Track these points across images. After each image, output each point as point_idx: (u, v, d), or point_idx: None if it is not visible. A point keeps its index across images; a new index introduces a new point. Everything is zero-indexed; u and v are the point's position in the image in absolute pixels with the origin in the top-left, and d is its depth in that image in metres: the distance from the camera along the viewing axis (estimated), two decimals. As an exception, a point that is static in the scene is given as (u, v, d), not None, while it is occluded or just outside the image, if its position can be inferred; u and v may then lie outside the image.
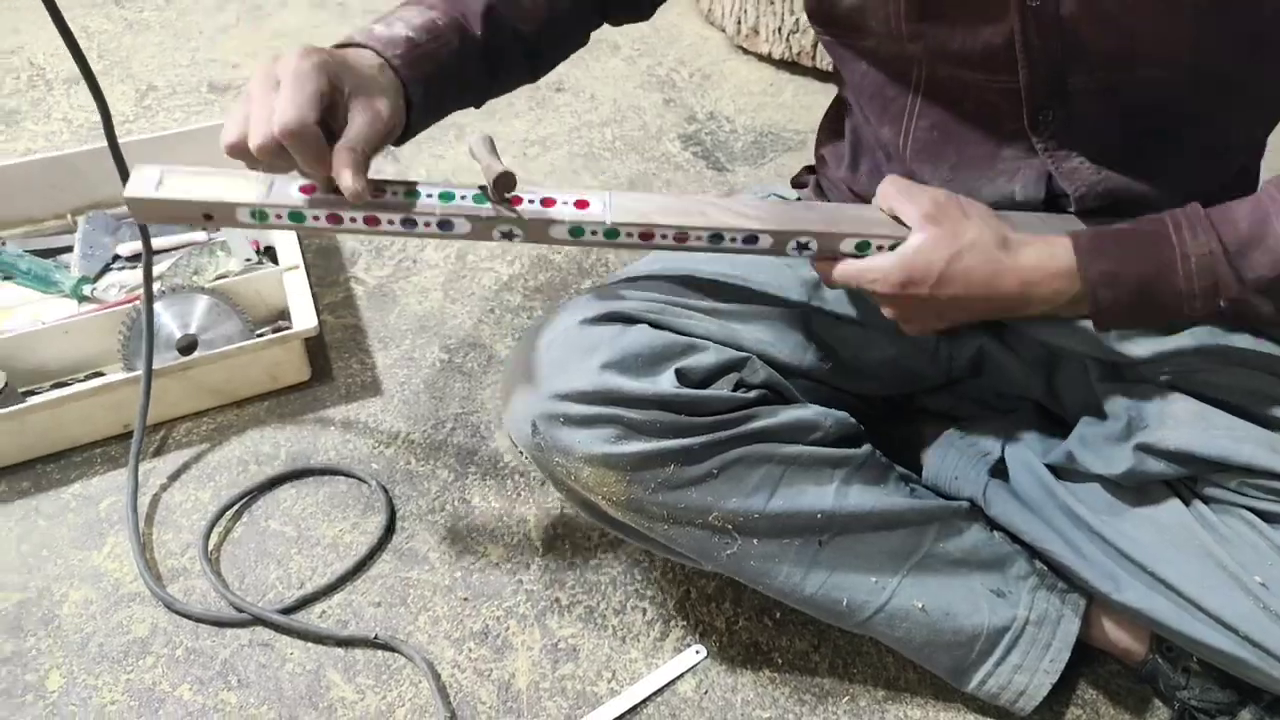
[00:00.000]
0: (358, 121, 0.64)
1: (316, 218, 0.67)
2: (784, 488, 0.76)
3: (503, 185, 0.66)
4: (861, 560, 0.79)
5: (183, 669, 0.85)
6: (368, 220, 0.67)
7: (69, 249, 1.25)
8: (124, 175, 0.85)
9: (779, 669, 0.86)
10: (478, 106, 0.81)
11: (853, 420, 0.81)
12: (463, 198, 0.67)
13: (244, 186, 0.67)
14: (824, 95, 1.63)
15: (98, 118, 1.41)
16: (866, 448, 0.81)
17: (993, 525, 0.83)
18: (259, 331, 1.12)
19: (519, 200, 0.68)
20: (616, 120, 1.55)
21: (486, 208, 0.67)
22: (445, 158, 1.48)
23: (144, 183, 0.66)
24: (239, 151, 0.63)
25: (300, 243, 1.15)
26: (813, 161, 0.96)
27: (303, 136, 0.60)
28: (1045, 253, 0.66)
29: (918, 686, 0.85)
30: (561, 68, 0.86)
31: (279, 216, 0.67)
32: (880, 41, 0.74)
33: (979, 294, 0.67)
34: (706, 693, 0.84)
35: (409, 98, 0.70)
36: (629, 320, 0.77)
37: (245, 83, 1.62)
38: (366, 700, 0.83)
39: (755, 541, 0.77)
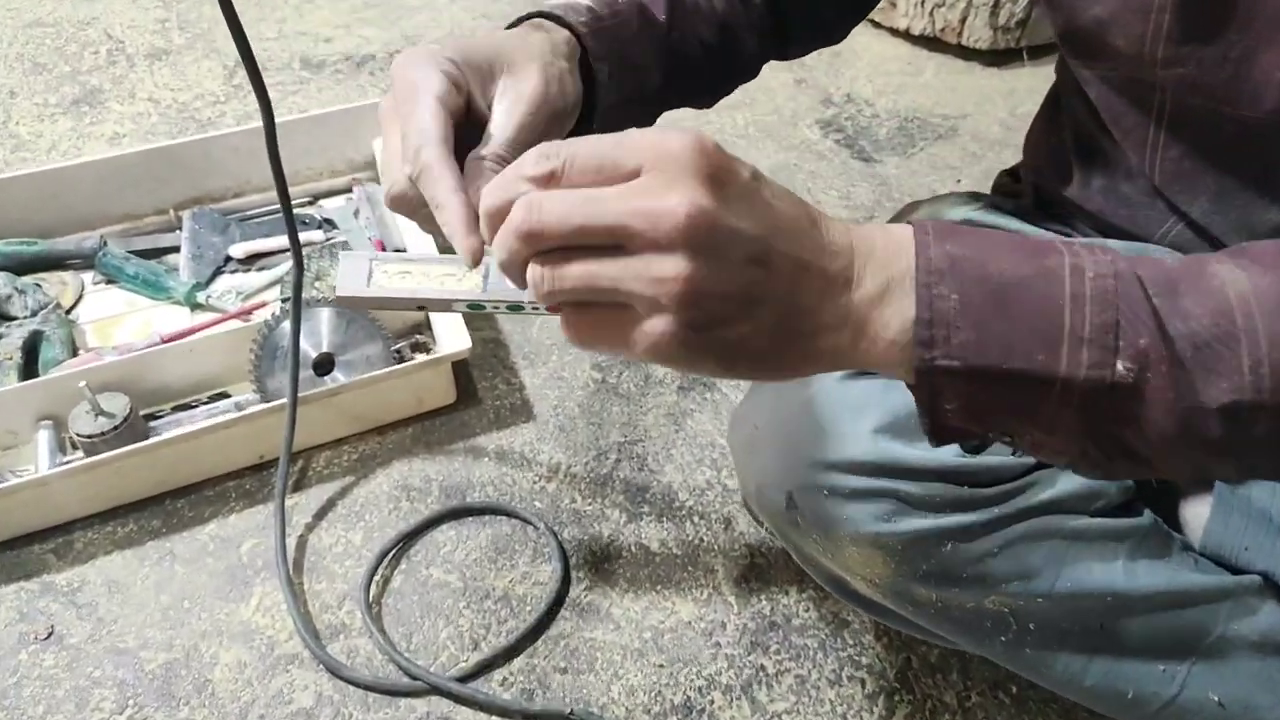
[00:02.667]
0: (497, 115, 0.50)
1: (535, 307, 0.57)
2: (1068, 566, 0.66)
3: None
4: (1148, 645, 0.69)
5: (356, 746, 0.76)
6: None
7: (175, 249, 1.15)
8: (283, 192, 0.75)
9: (1024, 754, 0.77)
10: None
11: (1130, 482, 0.70)
12: None
13: (458, 276, 0.57)
14: (968, 75, 1.51)
15: (186, 97, 1.30)
16: (1148, 515, 0.71)
17: (1284, 601, 0.73)
18: (395, 348, 1.02)
19: None
20: (747, 103, 1.42)
21: None
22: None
23: (354, 278, 0.57)
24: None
25: (438, 250, 1.04)
26: (990, 159, 0.83)
27: (421, 169, 0.47)
28: (869, 225, 0.41)
29: (1187, 778, 0.75)
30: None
31: (496, 308, 0.57)
32: (1120, 63, 0.62)
33: (802, 227, 0.38)
34: (947, 782, 0.75)
35: (594, 76, 0.57)
36: (892, 370, 0.66)
37: (339, 60, 1.51)
38: (566, 786, 0.74)
39: (1032, 626, 0.67)
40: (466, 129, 0.50)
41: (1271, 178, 0.62)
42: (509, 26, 0.58)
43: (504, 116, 0.49)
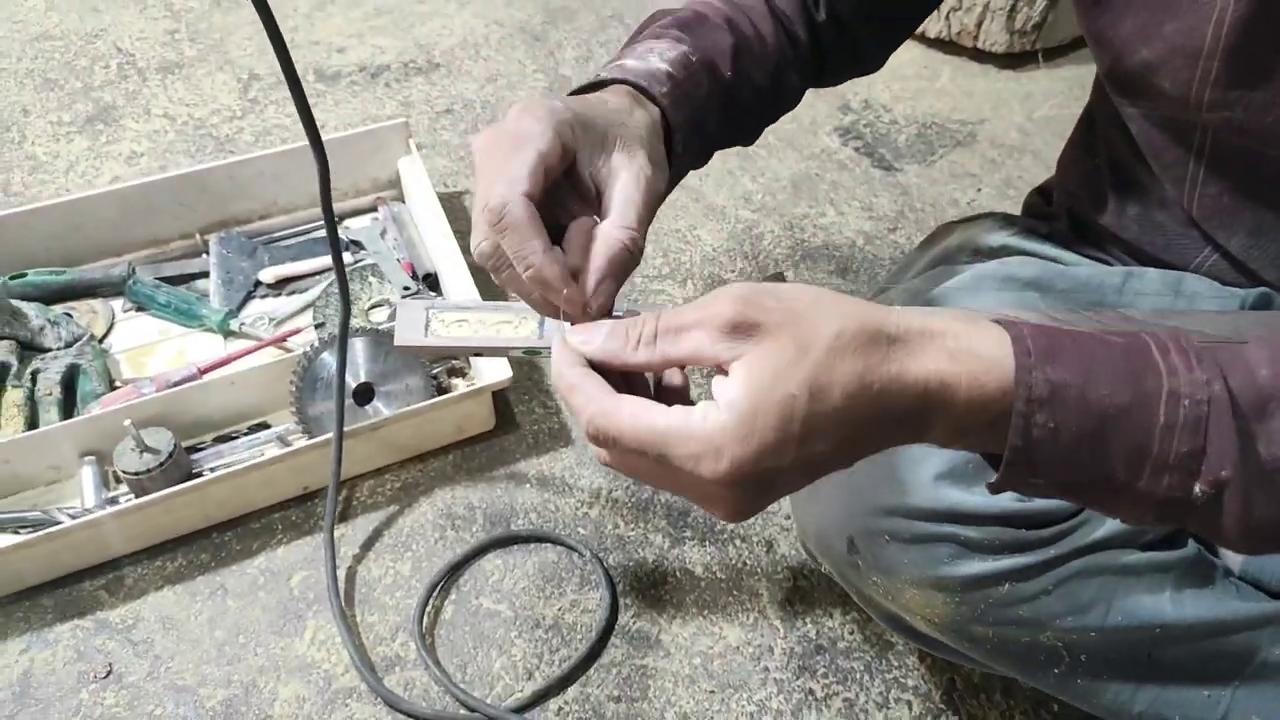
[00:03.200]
0: (622, 189, 0.51)
1: None
2: (1119, 600, 0.68)
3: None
4: (1192, 672, 0.71)
5: (419, 779, 0.78)
6: None
7: (203, 275, 1.15)
8: (333, 236, 0.75)
9: (1069, 773, 0.79)
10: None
11: (1175, 513, 0.72)
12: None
13: (513, 323, 0.58)
14: (984, 79, 1.51)
15: (201, 113, 1.30)
16: (1192, 545, 0.72)
17: (1321, 623, 0.75)
18: (432, 373, 1.03)
19: None
20: (765, 111, 1.42)
21: None
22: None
23: (412, 328, 0.57)
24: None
25: (472, 275, 1.05)
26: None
27: (506, 223, 0.47)
28: (959, 342, 0.39)
29: (1227, 794, 0.78)
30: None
31: (551, 353, 0.58)
32: (1163, 104, 0.63)
33: (863, 432, 0.40)
34: (996, 803, 0.77)
35: (671, 145, 0.59)
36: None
37: (354, 71, 1.50)
38: (627, 815, 0.76)
39: (1084, 659, 0.69)
40: (564, 189, 0.52)
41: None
42: (592, 85, 0.59)
43: (627, 193, 0.50)
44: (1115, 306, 0.72)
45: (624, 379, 0.45)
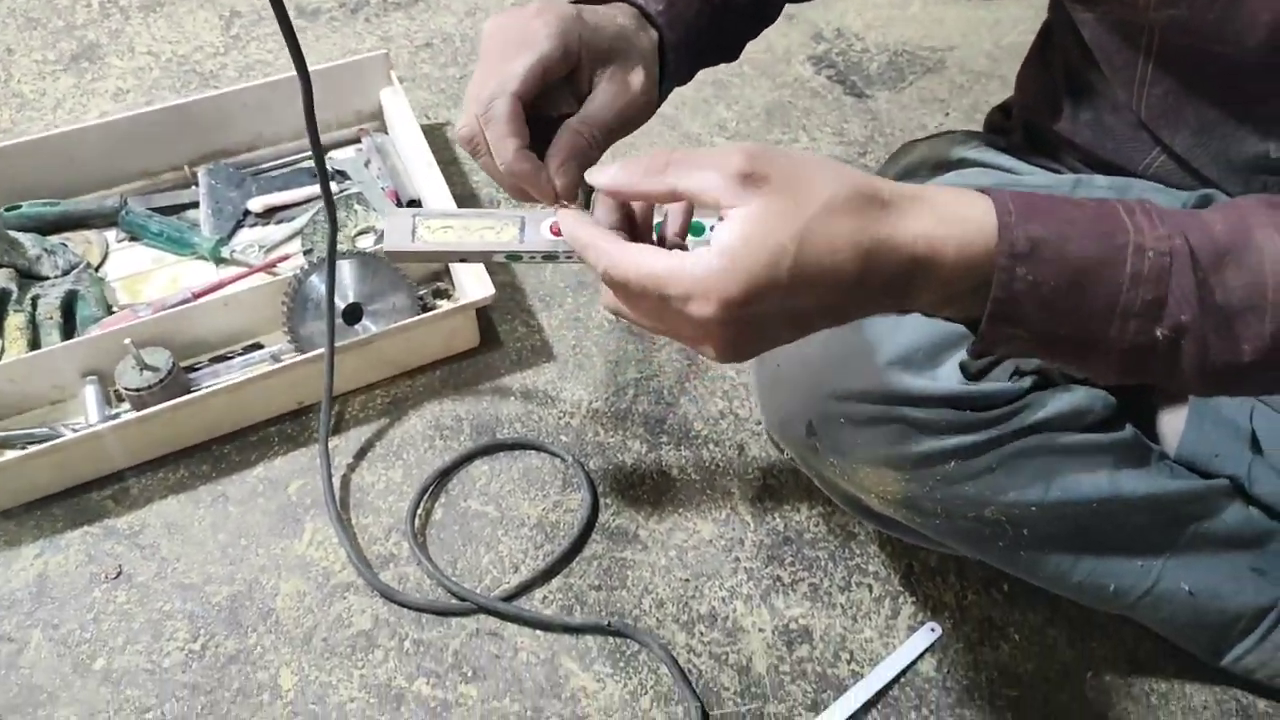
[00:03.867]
0: (601, 95, 0.57)
1: (569, 256, 0.62)
2: (1059, 478, 0.73)
3: None
4: (1128, 544, 0.77)
5: (414, 662, 0.84)
6: None
7: (193, 205, 1.18)
8: (319, 159, 0.79)
9: (1016, 645, 0.85)
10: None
11: (1114, 400, 0.77)
12: (711, 228, 0.62)
13: (496, 229, 0.62)
14: (954, 7, 1.54)
15: (185, 49, 1.32)
16: (1129, 429, 0.78)
17: (1248, 501, 0.81)
18: (418, 294, 1.07)
19: None
20: (740, 41, 1.45)
21: None
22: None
23: (400, 234, 0.62)
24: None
25: (455, 204, 1.08)
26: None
27: (490, 115, 0.53)
28: (947, 207, 0.43)
29: (1159, 659, 0.84)
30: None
31: (532, 258, 0.63)
32: (1114, 7, 0.67)
33: (849, 288, 0.42)
34: (949, 672, 0.83)
35: (664, 65, 0.63)
36: (900, 306, 0.72)
37: (334, 7, 1.51)
38: (608, 689, 0.82)
39: (1026, 532, 0.74)
40: (564, 90, 0.57)
41: (1251, 111, 0.67)
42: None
43: (606, 100, 0.56)
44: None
45: (632, 237, 0.49)
